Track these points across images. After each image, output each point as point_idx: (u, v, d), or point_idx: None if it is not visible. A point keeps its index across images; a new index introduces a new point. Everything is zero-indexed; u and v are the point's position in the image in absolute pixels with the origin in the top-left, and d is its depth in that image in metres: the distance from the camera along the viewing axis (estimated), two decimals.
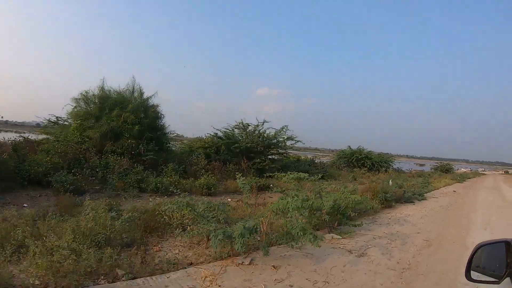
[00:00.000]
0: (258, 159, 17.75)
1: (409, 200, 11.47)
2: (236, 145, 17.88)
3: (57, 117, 14.74)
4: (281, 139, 18.88)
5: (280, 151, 18.95)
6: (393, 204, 10.62)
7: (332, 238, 6.19)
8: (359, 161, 28.19)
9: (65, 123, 14.24)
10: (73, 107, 13.27)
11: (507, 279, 1.26)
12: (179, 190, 7.46)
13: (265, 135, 19.06)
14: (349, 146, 29.94)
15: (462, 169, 63.92)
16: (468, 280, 1.42)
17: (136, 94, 14.67)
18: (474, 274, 1.40)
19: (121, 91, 14.23)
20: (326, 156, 53.85)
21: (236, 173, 6.41)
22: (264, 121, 19.30)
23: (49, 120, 14.79)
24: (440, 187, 18.47)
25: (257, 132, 19.05)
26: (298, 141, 19.49)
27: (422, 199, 12.33)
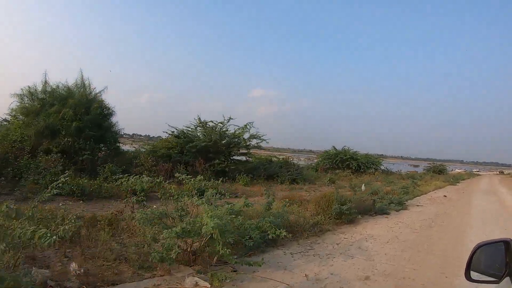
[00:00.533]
0: (217, 160, 14.93)
1: (382, 211, 8.38)
2: (191, 144, 15.16)
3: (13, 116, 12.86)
4: (242, 138, 16.03)
5: (242, 150, 15.96)
6: (358, 217, 7.58)
7: (196, 285, 3.21)
8: (344, 162, 25.10)
9: (16, 120, 12.62)
10: (18, 103, 11.90)
11: (507, 279, 1.19)
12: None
13: (227, 132, 16.26)
14: (334, 147, 26.90)
15: (456, 170, 60.33)
16: (467, 280, 1.33)
17: (84, 90, 12.79)
18: (474, 274, 1.33)
19: (70, 86, 12.57)
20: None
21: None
22: (230, 118, 16.58)
23: (4, 119, 13.02)
24: (429, 191, 15.30)
25: (218, 129, 16.25)
26: (263, 139, 16.71)
27: (401, 209, 9.23)
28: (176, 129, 16.42)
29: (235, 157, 17.51)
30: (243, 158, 17.89)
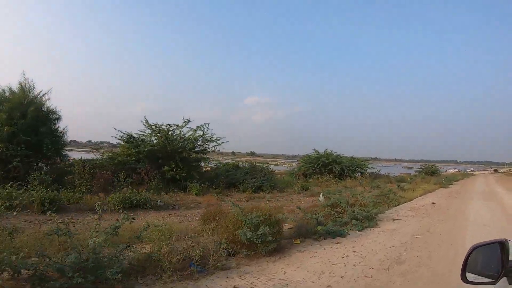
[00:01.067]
0: (166, 167, 12.39)
1: (334, 234, 5.54)
2: (136, 149, 12.77)
3: None
4: (190, 141, 13.43)
5: (193, 155, 13.24)
6: (296, 243, 4.82)
7: None
8: (326, 166, 22.23)
9: None
10: None
11: (504, 279, 1.16)
12: None
13: (180, 135, 13.70)
14: (315, 150, 24.02)
15: (450, 170, 57.19)
16: (464, 282, 1.27)
17: (22, 93, 11.28)
18: (470, 276, 1.27)
19: (14, 90, 11.31)
20: None
21: None
22: (188, 121, 14.08)
23: None
24: (415, 197, 12.39)
25: (170, 132, 13.73)
26: (221, 143, 14.13)
27: (368, 227, 6.38)
28: (124, 133, 13.81)
29: (202, 163, 15.11)
30: (202, 163, 15.40)
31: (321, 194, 9.05)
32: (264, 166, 16.61)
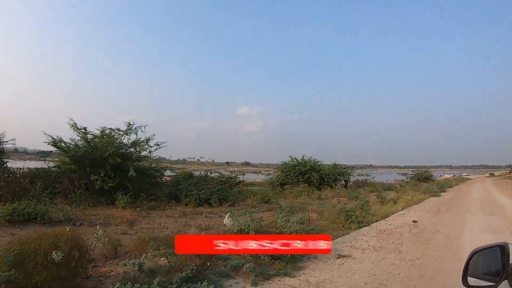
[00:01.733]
0: (94, 175, 9.81)
1: None
2: (65, 155, 10.91)
3: None
4: (113, 145, 10.80)
5: (120, 161, 10.38)
6: None
7: None
8: (304, 174, 19.20)
9: None
10: None
11: (505, 282, 1.10)
12: None
13: (112, 140, 11.06)
14: (292, 157, 21.03)
15: (445, 175, 53.66)
16: (465, 286, 1.19)
17: None
18: (471, 280, 1.19)
19: None
20: None
21: None
22: (131, 124, 11.48)
23: None
24: (395, 212, 9.33)
25: (105, 137, 11.16)
26: (157, 148, 11.53)
27: (279, 274, 3.42)
28: (53, 138, 11.20)
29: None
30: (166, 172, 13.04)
31: (227, 215, 6.06)
32: (220, 175, 13.74)
